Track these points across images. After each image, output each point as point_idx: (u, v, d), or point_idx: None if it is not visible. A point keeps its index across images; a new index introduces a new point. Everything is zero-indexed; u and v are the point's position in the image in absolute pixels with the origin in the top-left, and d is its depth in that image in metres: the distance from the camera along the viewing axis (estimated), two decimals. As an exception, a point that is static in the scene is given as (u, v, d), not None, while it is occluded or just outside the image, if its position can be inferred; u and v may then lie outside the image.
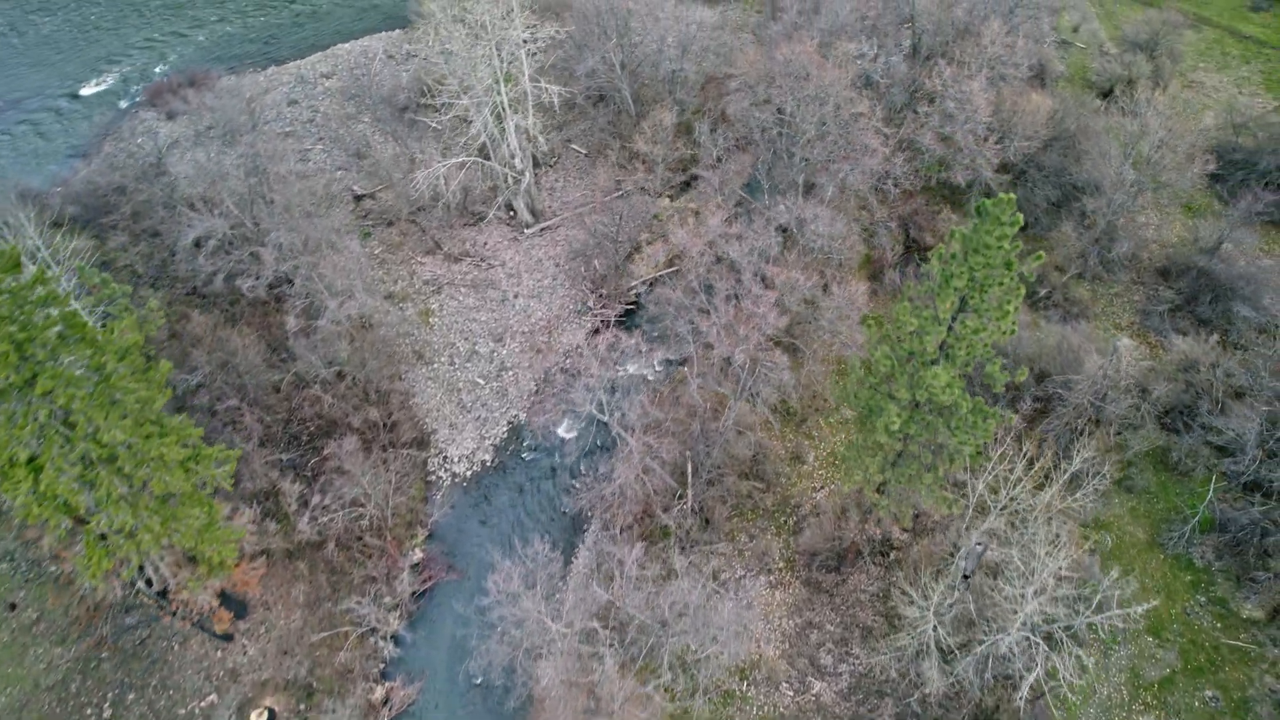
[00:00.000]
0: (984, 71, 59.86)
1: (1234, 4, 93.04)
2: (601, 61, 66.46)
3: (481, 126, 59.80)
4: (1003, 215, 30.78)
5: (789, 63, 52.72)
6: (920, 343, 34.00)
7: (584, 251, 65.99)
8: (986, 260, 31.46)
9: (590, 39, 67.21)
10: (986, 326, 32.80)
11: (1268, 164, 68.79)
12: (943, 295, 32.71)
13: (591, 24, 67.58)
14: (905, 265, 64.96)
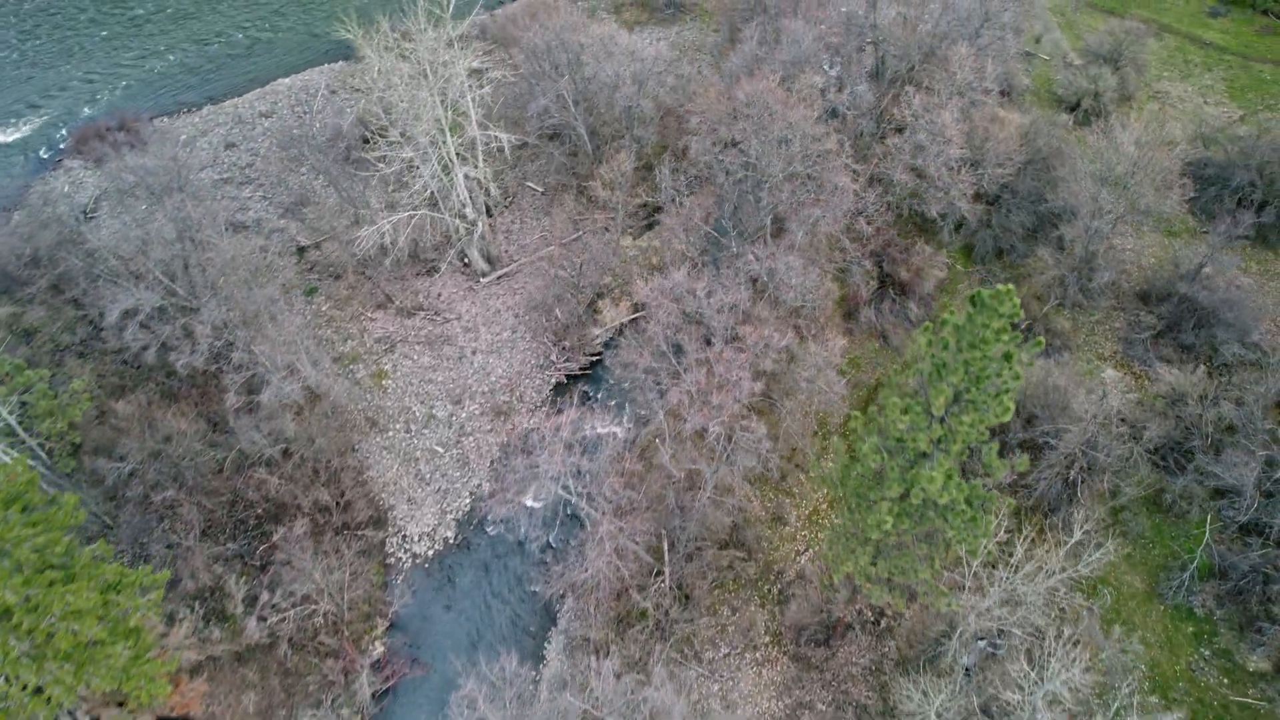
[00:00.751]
0: (954, 99, 57.01)
1: (1193, 10, 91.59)
2: (554, 100, 62.61)
3: (429, 178, 55.68)
4: (1001, 307, 27.65)
5: (751, 103, 49.38)
6: (913, 439, 30.79)
7: (544, 301, 62.20)
8: (984, 354, 28.29)
9: (541, 76, 63.31)
10: (984, 418, 29.66)
11: (1241, 179, 66.91)
12: (935, 391, 29.51)
13: (541, 60, 63.72)
14: (880, 302, 62.09)
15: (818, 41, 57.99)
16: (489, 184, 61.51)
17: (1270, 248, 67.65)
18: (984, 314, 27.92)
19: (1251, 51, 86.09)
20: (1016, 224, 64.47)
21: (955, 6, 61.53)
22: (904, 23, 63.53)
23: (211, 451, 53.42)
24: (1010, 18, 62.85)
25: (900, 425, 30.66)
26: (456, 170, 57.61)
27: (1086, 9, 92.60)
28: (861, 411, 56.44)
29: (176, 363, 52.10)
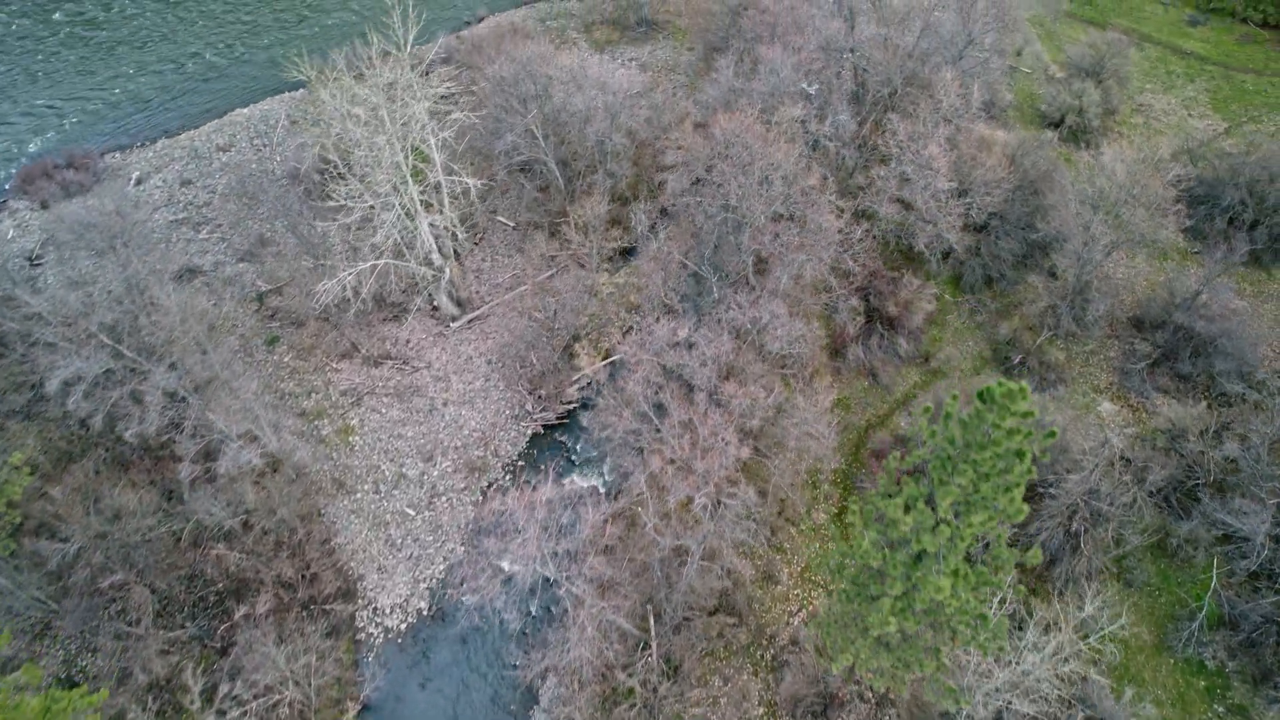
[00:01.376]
0: (940, 128, 54.41)
1: (1172, 19, 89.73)
2: (522, 135, 59.38)
3: (391, 227, 52.33)
4: (1014, 405, 24.88)
5: (729, 143, 46.47)
6: (917, 538, 27.99)
7: (518, 346, 59.03)
8: (995, 453, 25.53)
9: (508, 110, 60.04)
10: (995, 516, 26.92)
11: (1231, 199, 64.90)
12: (942, 491, 26.70)
13: (508, 93, 60.43)
14: (867, 338, 59.46)
15: (797, 70, 55.17)
16: (456, 228, 58.17)
17: (1263, 268, 65.76)
18: (995, 411, 25.16)
19: (1232, 61, 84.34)
20: (1006, 251, 62.08)
21: (937, 28, 58.92)
22: (884, 45, 60.87)
23: (168, 523, 49.91)
24: (993, 39, 60.33)
25: (904, 526, 27.86)
26: (420, 218, 54.32)
27: (1066, 19, 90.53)
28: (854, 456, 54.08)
29: (125, 432, 48.49)
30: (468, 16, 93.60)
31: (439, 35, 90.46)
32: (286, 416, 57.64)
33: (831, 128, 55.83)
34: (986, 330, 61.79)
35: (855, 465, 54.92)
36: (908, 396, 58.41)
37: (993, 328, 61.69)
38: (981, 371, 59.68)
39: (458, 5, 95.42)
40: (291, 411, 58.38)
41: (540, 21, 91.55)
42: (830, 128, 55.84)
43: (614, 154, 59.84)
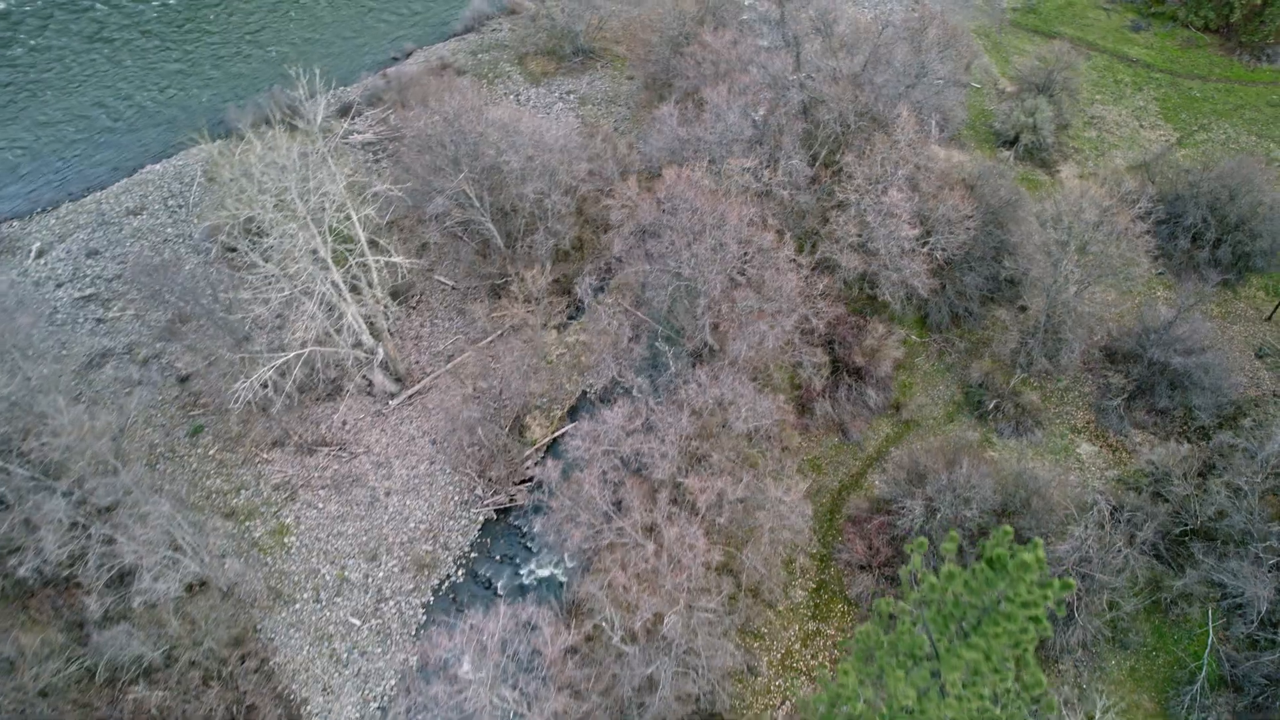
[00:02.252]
0: (900, 168, 50.92)
1: (1115, 25, 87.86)
2: (455, 196, 54.44)
3: (314, 315, 47.11)
4: (1028, 573, 21.08)
5: (677, 210, 42.31)
6: (921, 709, 24.10)
7: (463, 423, 54.21)
8: (1008, 628, 21.72)
9: (436, 171, 55.01)
10: (1010, 688, 23.15)
11: (1193, 217, 62.69)
12: (949, 666, 22.84)
13: (436, 153, 55.39)
14: (835, 390, 55.86)
15: (744, 113, 51.16)
16: (388, 305, 53.12)
17: (1229, 286, 63.74)
18: (1007, 583, 21.36)
19: (1178, 67, 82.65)
20: (972, 287, 59.00)
21: (889, 59, 55.40)
22: (834, 78, 57.19)
23: (77, 662, 44.27)
24: (949, 69, 57.00)
25: (905, 699, 23.95)
26: (348, 304, 49.18)
27: (1011, 29, 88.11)
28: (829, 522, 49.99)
29: (18, 569, 42.74)
30: (395, 52, 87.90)
31: (363, 75, 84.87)
32: (213, 518, 52.27)
33: (785, 174, 51.96)
34: (957, 372, 58.65)
35: (831, 533, 51.30)
36: (880, 451, 54.95)
37: (963, 369, 58.57)
38: (955, 418, 56.51)
39: (383, 41, 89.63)
40: (219, 512, 52.91)
41: (471, 55, 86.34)
42: (784, 174, 51.97)
43: (555, 213, 55.22)
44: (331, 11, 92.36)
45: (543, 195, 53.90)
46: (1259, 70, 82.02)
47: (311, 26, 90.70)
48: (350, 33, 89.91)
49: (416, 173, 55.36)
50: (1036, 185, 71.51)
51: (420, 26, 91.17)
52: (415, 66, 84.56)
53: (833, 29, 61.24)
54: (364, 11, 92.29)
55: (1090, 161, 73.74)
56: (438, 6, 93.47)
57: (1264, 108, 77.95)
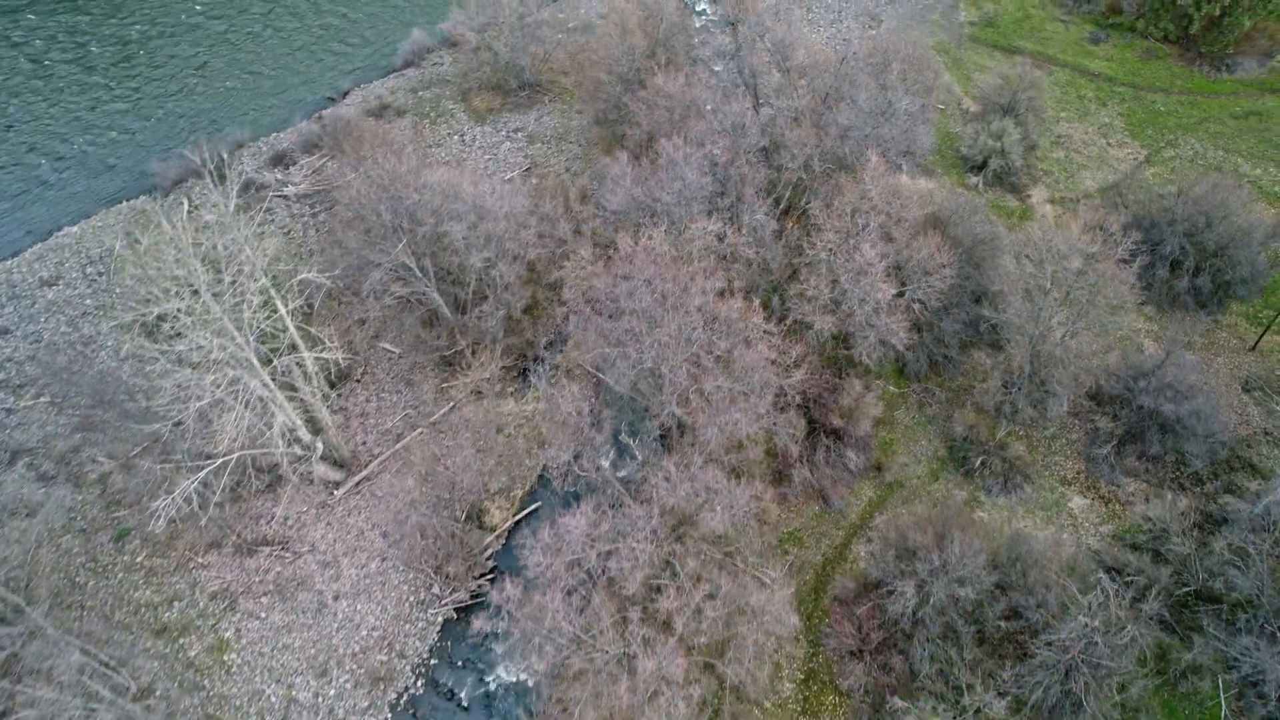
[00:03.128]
0: (872, 218, 47.27)
1: (1074, 38, 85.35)
2: (393, 270, 49.60)
3: (241, 417, 42.08)
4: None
5: (635, 291, 38.10)
6: None
7: (416, 513, 49.52)
8: None
9: (372, 245, 50.10)
10: None
11: (1171, 247, 60.01)
12: None
13: (370, 222, 50.50)
14: (813, 453, 52.15)
15: (703, 168, 47.07)
16: (326, 394, 48.22)
17: (1210, 315, 61.19)
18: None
19: (1139, 80, 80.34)
20: (950, 333, 55.69)
21: (853, 97, 51.68)
22: (795, 119, 53.37)
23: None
24: (916, 105, 53.40)
25: None
26: (279, 405, 44.18)
27: (970, 44, 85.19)
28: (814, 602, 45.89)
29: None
30: (331, 92, 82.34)
31: (297, 119, 79.29)
32: (143, 636, 47.09)
33: (749, 229, 48.03)
34: (939, 424, 55.29)
35: (817, 614, 47.59)
36: (864, 518, 51.36)
37: (945, 420, 55.24)
38: (940, 476, 53.13)
39: (323, 77, 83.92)
40: (149, 629, 47.68)
41: (412, 92, 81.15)
42: (747, 229, 48.03)
43: (504, 283, 50.59)
44: (275, 44, 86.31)
45: (490, 264, 49.31)
46: (1220, 80, 80.00)
47: (253, 62, 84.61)
48: (288, 69, 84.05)
49: (349, 246, 50.35)
50: (1008, 212, 68.59)
51: (360, 62, 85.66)
52: (353, 108, 79.21)
53: (790, 61, 57.39)
54: (304, 46, 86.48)
55: (1060, 184, 70.99)
56: (378, 39, 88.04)
57: (1228, 120, 75.85)
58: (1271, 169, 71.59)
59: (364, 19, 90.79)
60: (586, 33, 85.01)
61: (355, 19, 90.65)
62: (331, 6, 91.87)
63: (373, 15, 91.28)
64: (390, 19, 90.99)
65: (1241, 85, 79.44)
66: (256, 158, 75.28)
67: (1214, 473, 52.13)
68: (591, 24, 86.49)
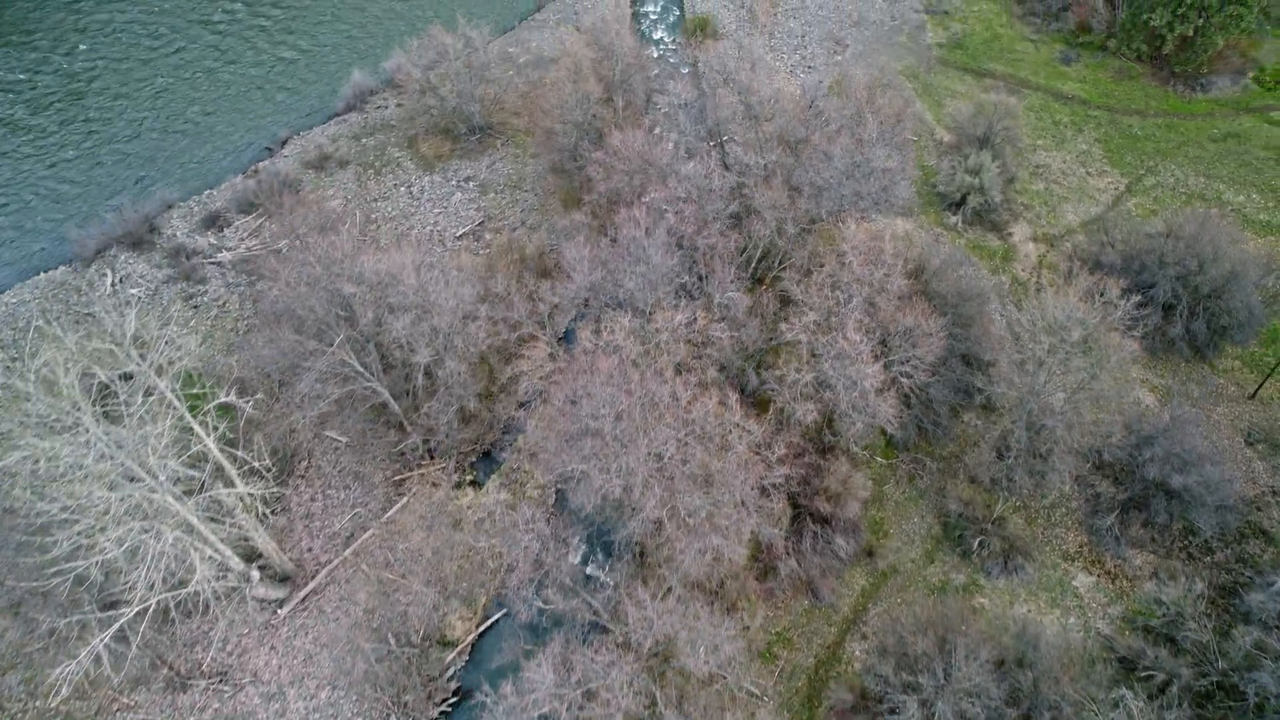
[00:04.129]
0: (856, 290, 42.92)
1: (1045, 58, 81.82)
2: (329, 368, 44.19)
3: (159, 558, 36.51)
4: None
5: (597, 413, 33.34)
6: None
7: (369, 634, 44.40)
8: None
9: (306, 339, 44.60)
10: None
11: (1163, 291, 56.46)
12: None
13: (304, 314, 45.02)
14: (799, 541, 47.75)
15: (669, 246, 42.34)
16: (259, 511, 42.80)
17: (1205, 360, 57.82)
18: None
19: (1114, 102, 77.00)
20: (939, 399, 51.52)
21: (827, 153, 47.23)
22: (766, 178, 48.85)
23: None
24: (894, 160, 49.01)
25: None
26: (203, 538, 38.65)
27: (939, 67, 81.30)
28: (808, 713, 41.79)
29: None
30: (268, 141, 76.17)
31: (231, 174, 73.07)
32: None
33: (721, 306, 43.41)
34: (931, 498, 51.21)
35: (813, 726, 43.27)
36: (857, 610, 47.12)
37: (938, 494, 51.19)
38: (935, 558, 49.05)
39: (256, 124, 77.70)
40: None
41: (354, 140, 75.32)
42: (719, 306, 43.42)
43: (454, 379, 45.35)
44: (210, 90, 79.68)
45: (437, 361, 44.10)
46: (1195, 101, 76.93)
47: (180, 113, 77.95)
48: (220, 116, 77.59)
49: (282, 344, 44.74)
50: (990, 253, 64.77)
51: (301, 106, 79.43)
52: (291, 160, 73.22)
53: (757, 108, 52.79)
54: (239, 91, 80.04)
55: (1042, 218, 67.30)
56: (318, 79, 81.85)
57: (1207, 144, 72.72)
58: (1254, 195, 68.58)
59: (319, 50, 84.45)
60: (539, 68, 79.89)
61: (309, 50, 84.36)
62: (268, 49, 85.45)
63: (326, 48, 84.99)
64: (337, 56, 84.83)
65: (1217, 105, 76.45)
66: (188, 219, 69.06)
67: (1224, 540, 48.67)
68: (544, 58, 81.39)
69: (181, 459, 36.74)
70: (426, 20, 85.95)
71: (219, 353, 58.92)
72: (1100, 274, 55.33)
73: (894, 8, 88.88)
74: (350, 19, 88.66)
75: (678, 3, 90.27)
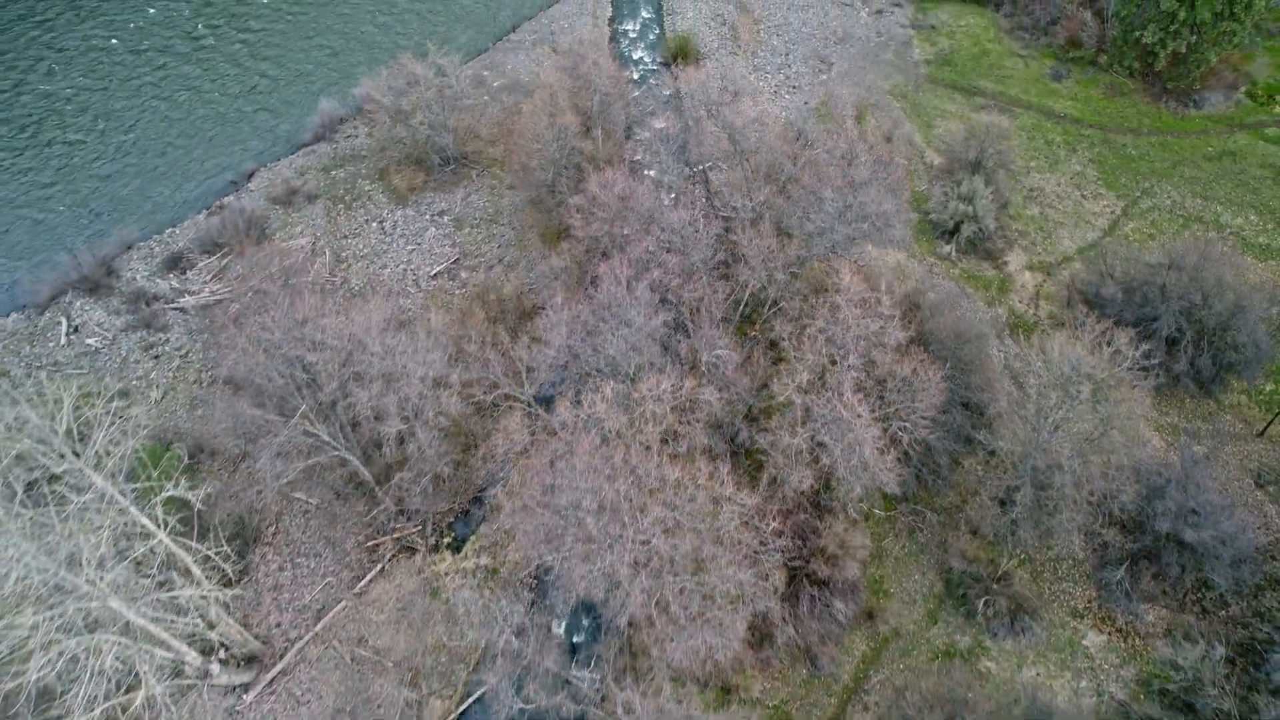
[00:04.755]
0: (852, 347, 40.16)
1: (1034, 75, 79.40)
2: (292, 439, 40.92)
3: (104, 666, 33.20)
4: None
5: (579, 502, 30.42)
6: None
7: (345, 712, 41.25)
8: None
9: (267, 401, 41.36)
10: None
11: (1167, 325, 54.04)
12: None
13: (258, 379, 41.72)
14: (795, 605, 44.99)
15: (653, 310, 39.39)
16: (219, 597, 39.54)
17: (1211, 396, 55.51)
18: None
19: (1107, 120, 74.67)
20: (939, 448, 48.83)
21: (818, 194, 44.42)
22: (755, 221, 46.00)
23: None
24: (890, 204, 46.23)
25: None
26: (155, 642, 35.32)
27: (928, 85, 78.72)
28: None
29: None
30: (233, 175, 72.59)
31: (195, 211, 69.47)
32: None
33: (709, 364, 40.54)
34: (933, 553, 48.59)
35: (817, 812, 40.55)
36: (858, 678, 44.41)
37: (940, 548, 48.58)
38: (939, 618, 46.42)
39: (220, 154, 74.09)
40: None
41: (324, 172, 71.88)
42: (706, 364, 40.54)
43: (428, 450, 42.18)
44: (172, 120, 75.92)
45: (408, 430, 40.93)
46: (1188, 118, 74.72)
47: (140, 141, 74.23)
48: (183, 146, 73.90)
49: (240, 418, 41.42)
50: (985, 284, 62.23)
51: (268, 134, 75.89)
52: (257, 195, 69.74)
53: (743, 143, 49.92)
54: (202, 121, 76.37)
55: (1038, 245, 64.82)
56: (286, 107, 78.29)
57: (1202, 163, 70.51)
58: (1252, 216, 66.39)
59: (286, 77, 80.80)
60: (515, 92, 76.68)
61: (277, 76, 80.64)
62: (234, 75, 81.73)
63: (295, 74, 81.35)
64: (305, 85, 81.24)
65: (1210, 121, 74.27)
66: (149, 261, 65.46)
67: (1240, 593, 46.31)
68: (520, 82, 78.20)
69: (127, 561, 33.42)
70: (398, 46, 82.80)
71: (181, 407, 55.60)
72: (1100, 312, 53.35)
73: (880, 23, 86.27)
74: (323, 42, 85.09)
75: (657, 20, 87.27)
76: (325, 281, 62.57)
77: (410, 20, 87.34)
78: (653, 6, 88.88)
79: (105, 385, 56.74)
